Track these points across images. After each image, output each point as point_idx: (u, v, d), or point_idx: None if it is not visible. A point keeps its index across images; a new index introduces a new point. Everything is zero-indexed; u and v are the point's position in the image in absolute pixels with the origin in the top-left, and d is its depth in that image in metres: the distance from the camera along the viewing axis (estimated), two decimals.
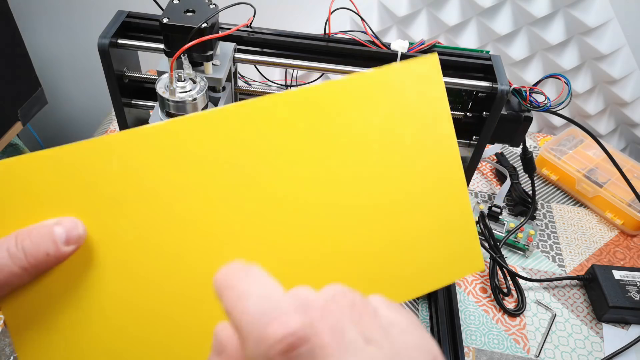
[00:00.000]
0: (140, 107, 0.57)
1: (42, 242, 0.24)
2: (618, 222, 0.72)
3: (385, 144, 0.31)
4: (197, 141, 0.28)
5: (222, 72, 0.47)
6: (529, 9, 0.79)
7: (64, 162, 0.27)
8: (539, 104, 0.52)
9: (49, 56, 1.06)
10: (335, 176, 0.30)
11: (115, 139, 0.28)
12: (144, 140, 0.28)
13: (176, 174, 0.28)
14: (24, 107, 0.75)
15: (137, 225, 0.28)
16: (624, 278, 0.62)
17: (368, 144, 0.31)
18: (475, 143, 0.55)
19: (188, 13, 0.44)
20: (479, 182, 0.78)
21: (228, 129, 0.29)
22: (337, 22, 0.54)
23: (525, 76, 0.89)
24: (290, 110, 0.30)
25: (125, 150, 0.28)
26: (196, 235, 0.28)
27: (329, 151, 0.30)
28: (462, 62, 0.54)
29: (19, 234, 0.24)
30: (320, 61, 0.53)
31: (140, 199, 0.28)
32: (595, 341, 0.59)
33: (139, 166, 0.28)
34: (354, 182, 0.31)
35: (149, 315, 0.28)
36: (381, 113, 0.31)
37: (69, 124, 1.20)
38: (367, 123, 0.31)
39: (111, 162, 0.27)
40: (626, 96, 0.87)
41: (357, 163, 0.31)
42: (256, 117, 0.29)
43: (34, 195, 0.26)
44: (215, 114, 0.29)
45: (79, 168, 0.27)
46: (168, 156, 0.28)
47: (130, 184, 0.28)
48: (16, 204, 0.26)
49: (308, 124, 0.30)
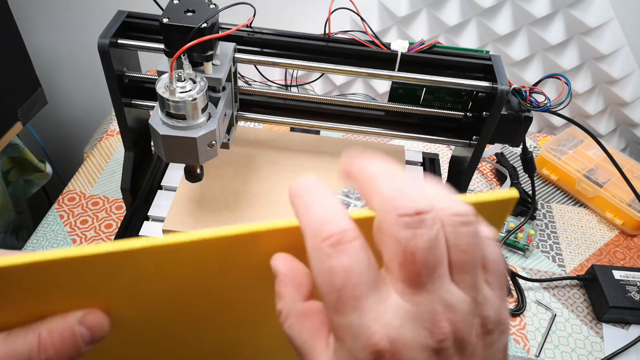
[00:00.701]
0: (140, 107, 0.57)
1: (65, 348, 0.22)
2: (618, 222, 0.72)
3: None
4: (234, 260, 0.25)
5: (222, 72, 0.47)
6: (529, 9, 0.79)
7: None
8: (539, 104, 0.52)
9: (49, 56, 1.05)
10: None
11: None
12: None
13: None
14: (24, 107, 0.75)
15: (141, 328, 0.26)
16: (624, 278, 0.62)
17: None
18: (475, 143, 0.55)
19: (188, 13, 0.44)
20: (479, 182, 0.78)
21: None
22: (337, 22, 0.54)
23: (525, 76, 0.89)
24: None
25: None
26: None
27: None
28: (462, 62, 0.54)
29: (42, 340, 0.22)
30: (320, 61, 0.53)
31: (154, 303, 0.26)
32: (595, 341, 0.59)
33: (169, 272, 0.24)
34: None
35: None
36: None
37: (69, 124, 1.20)
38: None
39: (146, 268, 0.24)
40: (626, 96, 0.87)
41: None
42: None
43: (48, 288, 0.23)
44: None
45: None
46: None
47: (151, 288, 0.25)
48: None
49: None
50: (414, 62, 0.54)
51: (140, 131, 0.60)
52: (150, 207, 0.60)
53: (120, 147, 0.78)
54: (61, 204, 0.69)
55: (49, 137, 1.18)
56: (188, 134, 0.44)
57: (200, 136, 0.44)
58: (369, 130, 0.59)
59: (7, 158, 0.85)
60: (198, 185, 0.61)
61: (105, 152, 0.77)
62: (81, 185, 0.72)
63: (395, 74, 0.52)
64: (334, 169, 0.65)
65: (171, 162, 0.48)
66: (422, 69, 0.54)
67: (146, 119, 0.61)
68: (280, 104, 0.60)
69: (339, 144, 0.69)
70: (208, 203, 0.59)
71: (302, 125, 0.59)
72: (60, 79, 1.10)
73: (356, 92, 0.95)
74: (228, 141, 0.54)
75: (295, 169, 0.64)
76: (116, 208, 0.69)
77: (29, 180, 0.92)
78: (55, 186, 1.05)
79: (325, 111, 0.60)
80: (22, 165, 0.88)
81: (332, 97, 0.57)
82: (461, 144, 0.59)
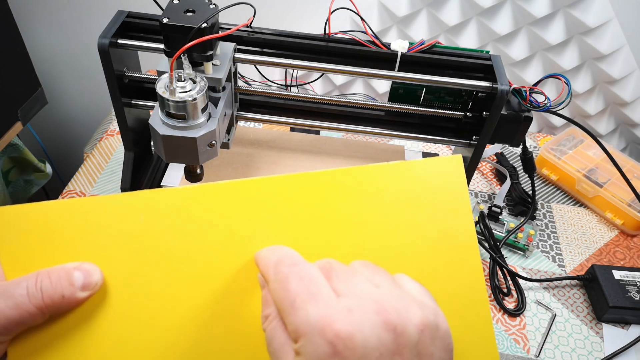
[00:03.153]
0: (140, 107, 0.57)
1: (60, 283, 0.25)
2: (618, 222, 0.72)
3: (400, 234, 0.31)
4: (215, 208, 0.30)
5: (222, 72, 0.47)
6: (529, 9, 0.79)
7: (94, 212, 0.29)
8: (539, 104, 0.52)
9: (49, 56, 1.05)
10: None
11: (146, 195, 0.30)
12: (171, 200, 0.30)
13: (190, 235, 0.30)
14: (24, 107, 0.75)
15: (149, 278, 0.29)
16: (624, 278, 0.62)
17: (383, 232, 0.31)
18: (475, 143, 0.55)
19: (188, 13, 0.44)
20: (479, 182, 0.78)
21: (244, 200, 0.31)
22: (337, 22, 0.54)
23: (525, 76, 0.89)
24: (310, 190, 0.32)
25: (154, 207, 0.30)
26: (202, 288, 0.30)
27: (341, 235, 0.31)
28: (462, 62, 0.54)
29: (39, 274, 0.25)
30: (320, 61, 0.53)
31: (155, 254, 0.29)
32: (595, 341, 0.59)
33: (163, 223, 0.30)
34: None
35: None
36: (398, 203, 0.32)
37: (69, 124, 1.20)
38: (383, 211, 0.31)
39: (138, 217, 0.29)
40: (626, 96, 0.87)
41: (370, 249, 0.31)
42: (274, 193, 0.31)
43: (62, 239, 0.28)
44: (237, 185, 0.31)
45: (106, 218, 0.29)
46: (186, 218, 0.30)
47: (150, 239, 0.29)
48: (45, 244, 0.27)
49: (328, 204, 0.32)
50: (414, 62, 0.54)
51: (140, 131, 0.60)
52: None
53: (120, 147, 0.78)
54: None
55: (49, 137, 1.18)
56: (188, 134, 0.44)
57: (200, 136, 0.44)
58: (369, 130, 0.59)
59: (7, 158, 0.85)
60: None
61: (105, 152, 0.77)
62: (81, 185, 0.72)
63: (395, 74, 0.52)
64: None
65: (171, 162, 0.48)
66: (422, 69, 0.54)
67: (146, 119, 0.61)
68: (280, 104, 0.60)
69: (339, 144, 0.69)
70: None
71: (302, 125, 0.59)
72: (60, 79, 1.10)
73: (356, 92, 0.95)
74: (228, 141, 0.54)
75: (295, 169, 0.64)
76: None
77: (29, 180, 0.92)
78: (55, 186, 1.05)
79: (325, 111, 0.60)
80: (22, 165, 0.88)
81: (332, 97, 0.57)
82: (461, 144, 0.59)
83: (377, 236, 0.32)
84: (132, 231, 0.29)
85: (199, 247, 0.30)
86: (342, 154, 0.67)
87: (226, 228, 0.30)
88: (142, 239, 0.29)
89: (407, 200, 0.32)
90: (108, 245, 0.29)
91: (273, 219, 0.31)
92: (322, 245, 0.31)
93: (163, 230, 0.30)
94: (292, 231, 0.31)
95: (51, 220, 0.28)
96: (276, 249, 0.28)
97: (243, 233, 0.30)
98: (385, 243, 0.31)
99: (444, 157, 0.33)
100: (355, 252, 0.31)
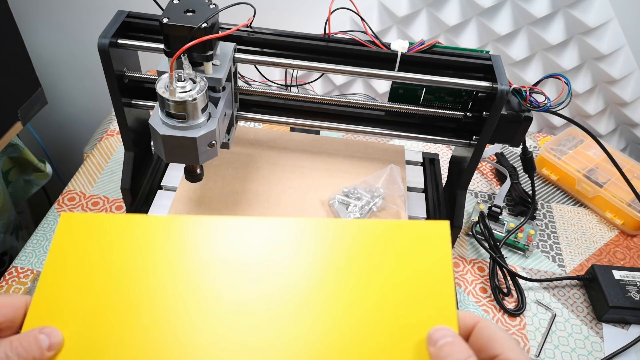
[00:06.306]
0: (140, 107, 0.57)
1: (31, 348, 0.30)
2: (618, 222, 0.72)
3: (381, 288, 0.34)
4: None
5: (222, 72, 0.47)
6: (529, 9, 0.79)
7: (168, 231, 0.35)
8: (539, 104, 0.52)
9: (49, 56, 1.05)
10: (332, 304, 0.33)
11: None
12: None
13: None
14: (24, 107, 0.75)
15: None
16: (624, 278, 0.62)
17: (370, 283, 0.34)
18: (475, 143, 0.55)
19: (188, 13, 0.44)
20: (479, 182, 0.78)
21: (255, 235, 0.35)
22: (337, 22, 0.54)
23: (525, 76, 0.89)
24: (311, 233, 0.35)
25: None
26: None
27: (326, 281, 0.34)
28: (462, 62, 0.54)
29: (13, 340, 0.30)
30: (320, 61, 0.53)
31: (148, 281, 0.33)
32: (595, 341, 0.59)
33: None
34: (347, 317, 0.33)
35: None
36: (382, 259, 0.34)
37: (69, 124, 1.20)
38: (368, 264, 0.34)
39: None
40: (626, 96, 0.87)
41: (352, 300, 0.33)
42: (280, 232, 0.36)
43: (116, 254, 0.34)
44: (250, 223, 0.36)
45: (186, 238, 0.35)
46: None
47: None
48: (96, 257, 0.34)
49: (318, 250, 0.35)
50: (414, 62, 0.54)
51: (140, 131, 0.60)
52: (150, 207, 0.60)
53: (120, 147, 0.78)
54: (61, 204, 0.69)
55: (49, 137, 1.18)
56: (188, 134, 0.44)
57: (200, 136, 0.44)
58: (369, 130, 0.59)
59: (7, 158, 0.85)
60: (198, 185, 0.61)
61: (105, 152, 0.77)
62: (81, 185, 0.72)
63: (395, 74, 0.52)
64: (333, 169, 0.65)
65: (171, 162, 0.48)
66: (422, 69, 0.54)
67: (146, 119, 0.61)
68: (280, 104, 0.60)
69: (339, 144, 0.69)
70: (208, 203, 0.59)
71: (302, 125, 0.59)
72: (60, 79, 1.10)
73: (356, 92, 0.95)
74: (228, 141, 0.54)
75: (295, 169, 0.64)
76: (116, 208, 0.69)
77: (29, 180, 0.92)
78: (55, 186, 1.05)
79: (325, 111, 0.60)
80: (22, 165, 0.88)
81: (332, 97, 0.57)
82: (461, 144, 0.59)
83: (359, 286, 0.34)
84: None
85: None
86: (342, 154, 0.67)
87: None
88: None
89: (390, 258, 0.35)
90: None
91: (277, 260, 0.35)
92: (308, 286, 0.33)
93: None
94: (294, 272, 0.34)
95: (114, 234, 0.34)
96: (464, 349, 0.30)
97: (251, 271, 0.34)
98: (366, 294, 0.33)
99: (432, 222, 0.36)
100: (332, 300, 0.33)
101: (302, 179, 0.63)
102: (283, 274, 0.34)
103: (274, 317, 0.33)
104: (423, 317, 0.32)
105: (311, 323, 0.32)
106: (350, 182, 0.63)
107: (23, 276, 0.61)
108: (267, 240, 0.35)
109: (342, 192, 0.61)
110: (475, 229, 0.67)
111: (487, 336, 0.30)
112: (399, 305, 0.33)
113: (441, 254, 0.34)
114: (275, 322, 0.32)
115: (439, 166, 0.72)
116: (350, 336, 0.32)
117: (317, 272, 0.34)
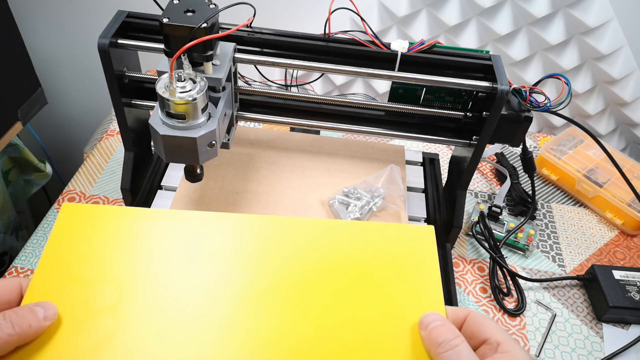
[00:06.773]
0: (140, 107, 0.57)
1: (26, 316, 0.30)
2: (618, 222, 0.72)
3: (372, 287, 0.36)
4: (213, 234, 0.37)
5: (222, 72, 0.47)
6: (529, 9, 0.79)
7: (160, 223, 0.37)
8: (539, 104, 0.52)
9: (49, 56, 1.05)
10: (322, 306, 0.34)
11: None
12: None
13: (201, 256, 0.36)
14: (24, 107, 0.75)
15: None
16: (624, 278, 0.62)
17: (357, 281, 0.36)
18: (475, 143, 0.55)
19: (188, 13, 0.44)
20: (479, 182, 0.78)
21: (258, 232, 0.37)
22: (337, 22, 0.54)
23: (525, 76, 0.89)
24: (300, 233, 0.37)
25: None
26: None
27: (316, 278, 0.36)
28: (462, 62, 0.54)
29: (6, 312, 0.30)
30: (320, 61, 0.53)
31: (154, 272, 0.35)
32: (595, 341, 0.59)
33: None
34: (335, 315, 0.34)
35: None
36: (371, 259, 0.37)
37: (69, 124, 1.20)
38: (359, 264, 0.36)
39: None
40: (626, 96, 0.87)
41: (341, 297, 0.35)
42: (273, 230, 0.37)
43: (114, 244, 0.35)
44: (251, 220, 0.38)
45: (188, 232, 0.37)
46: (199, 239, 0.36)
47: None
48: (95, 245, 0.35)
49: (311, 249, 0.37)
50: (414, 62, 0.54)
51: (140, 131, 0.60)
52: (150, 207, 0.60)
53: (120, 147, 0.78)
54: (61, 204, 0.69)
55: (49, 137, 1.18)
56: (188, 134, 0.44)
57: (200, 136, 0.44)
58: (369, 130, 0.59)
59: (7, 158, 0.85)
60: (198, 185, 0.61)
61: (105, 152, 0.77)
62: (81, 185, 0.72)
63: (395, 74, 0.52)
64: (334, 169, 0.65)
65: (171, 162, 0.48)
66: (422, 69, 0.54)
67: (146, 119, 0.61)
68: (280, 104, 0.60)
69: (339, 144, 0.69)
70: (208, 203, 0.59)
71: (302, 125, 0.59)
72: (60, 79, 1.10)
73: (356, 92, 0.95)
74: (228, 141, 0.54)
75: (295, 169, 0.64)
76: None
77: (29, 180, 0.92)
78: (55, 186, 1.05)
79: (325, 111, 0.60)
80: (22, 165, 0.88)
81: (332, 97, 0.57)
82: (461, 144, 0.59)
83: (354, 283, 0.36)
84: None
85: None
86: (342, 154, 0.67)
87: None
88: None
89: (382, 257, 0.37)
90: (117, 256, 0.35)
91: (265, 257, 0.36)
92: (298, 283, 0.35)
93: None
94: (284, 271, 0.36)
95: (112, 224, 0.36)
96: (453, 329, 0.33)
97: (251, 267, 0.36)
98: (361, 289, 0.35)
99: (419, 226, 0.39)
100: (321, 298, 0.35)
101: (302, 179, 0.63)
102: (277, 270, 0.35)
103: (270, 310, 0.34)
104: (415, 308, 0.35)
105: (307, 317, 0.33)
106: (350, 182, 0.63)
107: (23, 276, 0.61)
108: (262, 237, 0.37)
109: (342, 192, 0.61)
110: (475, 229, 0.67)
111: (476, 324, 0.33)
112: (392, 299, 0.35)
113: (427, 255, 0.37)
114: (272, 317, 0.33)
115: (439, 166, 0.72)
116: (347, 329, 0.33)
117: (312, 270, 0.36)
